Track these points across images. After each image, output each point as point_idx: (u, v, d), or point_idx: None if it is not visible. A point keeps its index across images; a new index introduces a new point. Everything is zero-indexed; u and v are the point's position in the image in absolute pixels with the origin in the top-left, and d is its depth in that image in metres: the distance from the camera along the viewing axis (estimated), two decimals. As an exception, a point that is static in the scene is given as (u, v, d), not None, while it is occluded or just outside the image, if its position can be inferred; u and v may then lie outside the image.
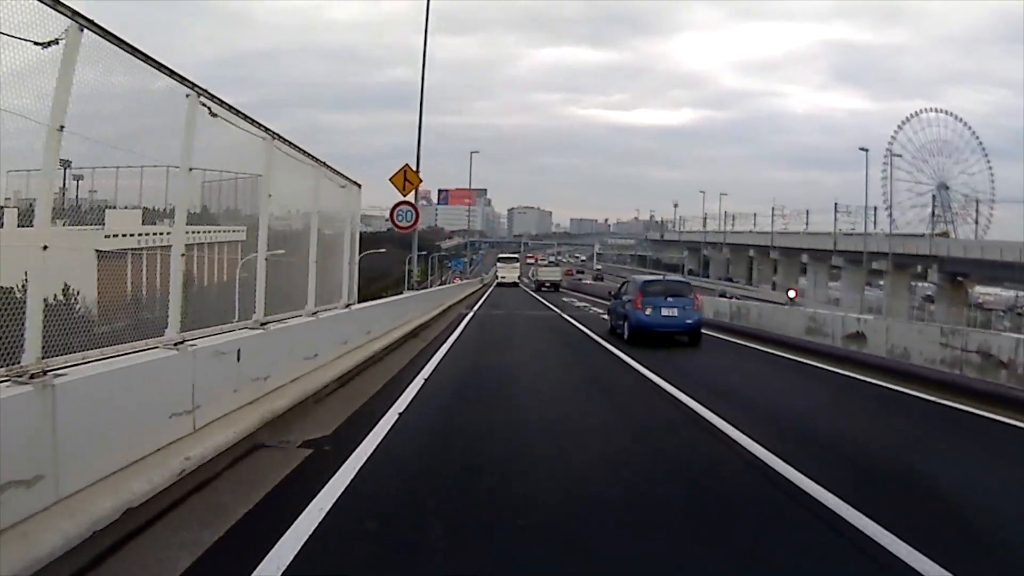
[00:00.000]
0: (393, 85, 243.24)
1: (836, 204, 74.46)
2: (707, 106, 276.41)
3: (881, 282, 76.62)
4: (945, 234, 67.87)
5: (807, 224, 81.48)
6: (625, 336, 14.70)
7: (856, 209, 75.81)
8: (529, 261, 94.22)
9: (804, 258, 76.34)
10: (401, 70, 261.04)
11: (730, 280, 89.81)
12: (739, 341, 16.25)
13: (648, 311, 14.16)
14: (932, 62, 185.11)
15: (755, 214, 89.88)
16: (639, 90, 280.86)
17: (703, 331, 15.40)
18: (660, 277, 20.56)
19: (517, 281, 61.81)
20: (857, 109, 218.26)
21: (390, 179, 15.93)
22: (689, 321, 14.36)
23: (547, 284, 53.89)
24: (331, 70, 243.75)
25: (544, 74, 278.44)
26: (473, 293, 37.85)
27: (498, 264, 69.23)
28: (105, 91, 3.70)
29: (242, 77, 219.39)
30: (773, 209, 73.91)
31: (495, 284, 59.93)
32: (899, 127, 73.78)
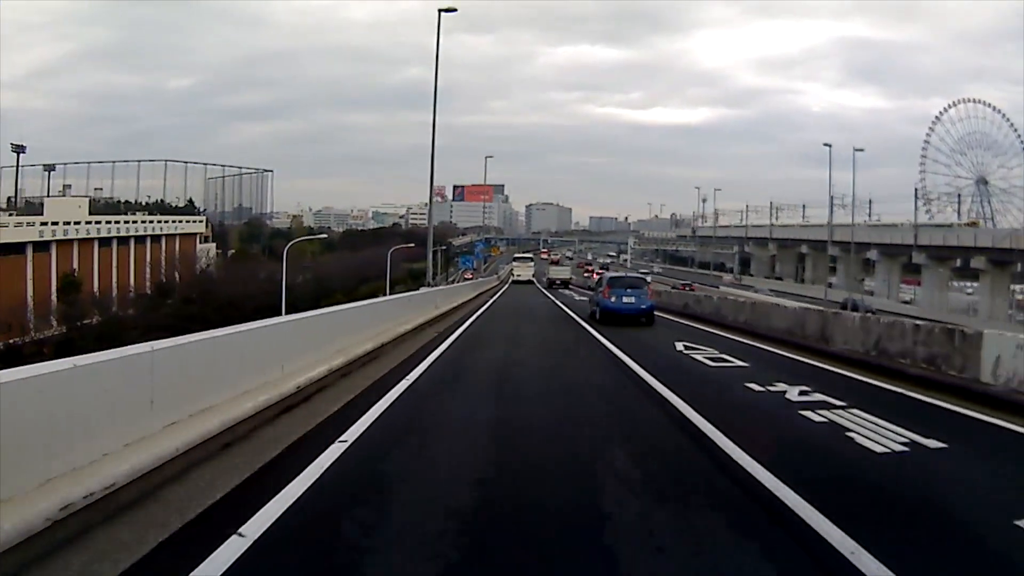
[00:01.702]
0: (409, 84, 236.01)
1: (917, 190, 62.82)
2: (724, 104, 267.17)
3: (964, 283, 65.90)
4: (975, 223, 63.98)
5: (869, 215, 69.98)
6: (597, 317, 19.10)
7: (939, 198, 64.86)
8: (543, 257, 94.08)
9: (873, 254, 64.84)
10: (416, 70, 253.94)
11: (779, 279, 78.52)
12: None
13: (613, 299, 18.43)
14: (948, 59, 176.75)
15: (804, 205, 78.32)
16: (656, 88, 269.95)
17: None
18: (623, 274, 25.39)
19: (532, 279, 64.83)
20: (873, 107, 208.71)
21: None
22: (643, 306, 18.40)
23: (557, 282, 57.51)
24: (348, 70, 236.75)
25: (561, 72, 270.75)
26: (458, 308, 23.45)
27: (514, 263, 73.28)
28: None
29: (260, 78, 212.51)
30: (832, 198, 62.04)
31: (511, 282, 61.37)
32: (937, 118, 69.97)
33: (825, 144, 58.10)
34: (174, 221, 52.28)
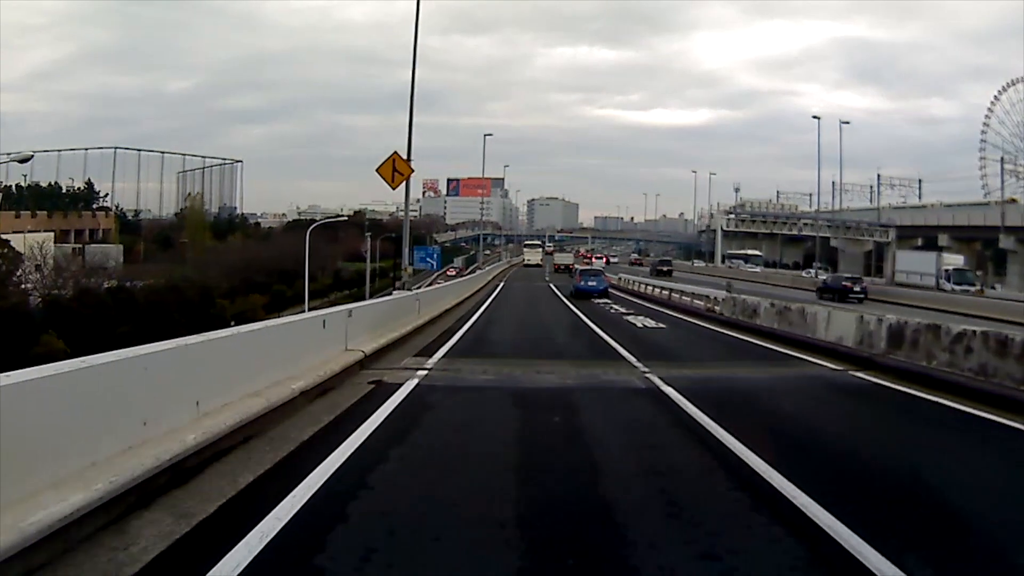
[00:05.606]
0: (407, 86, 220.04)
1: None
2: (724, 105, 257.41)
3: None
4: (1014, 200, 61.83)
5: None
6: (573, 294, 30.22)
7: None
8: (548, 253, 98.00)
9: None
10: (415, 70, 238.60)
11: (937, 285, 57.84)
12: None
13: (582, 282, 30.57)
14: (948, 58, 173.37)
15: (920, 180, 59.42)
16: (656, 90, 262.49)
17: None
18: (588, 268, 39.32)
19: (541, 263, 75.26)
20: (873, 108, 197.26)
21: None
22: (600, 288, 29.94)
23: (561, 267, 65.71)
24: (346, 72, 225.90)
25: (560, 74, 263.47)
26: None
27: (525, 250, 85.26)
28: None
29: (259, 79, 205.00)
30: (1003, 159, 41.64)
31: (522, 265, 72.89)
32: (995, 99, 64.13)
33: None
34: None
